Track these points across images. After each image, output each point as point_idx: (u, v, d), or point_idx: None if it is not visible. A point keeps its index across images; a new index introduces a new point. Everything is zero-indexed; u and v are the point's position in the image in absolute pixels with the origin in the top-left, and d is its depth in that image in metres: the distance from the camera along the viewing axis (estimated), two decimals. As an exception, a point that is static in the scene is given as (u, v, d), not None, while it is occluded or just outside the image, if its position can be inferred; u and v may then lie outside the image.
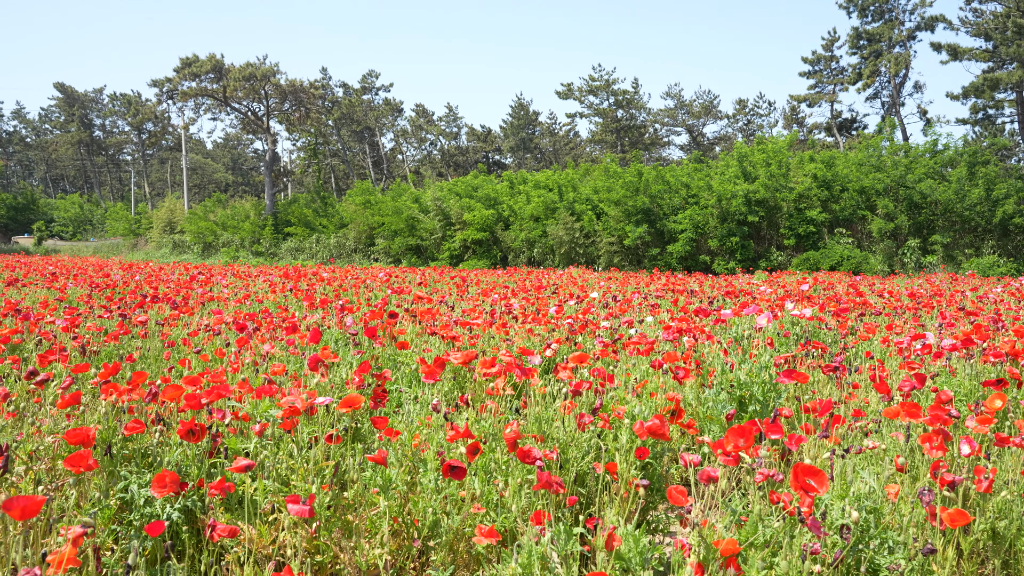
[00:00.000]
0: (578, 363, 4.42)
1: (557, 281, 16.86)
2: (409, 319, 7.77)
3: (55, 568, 2.09)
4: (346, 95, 66.93)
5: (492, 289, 13.11)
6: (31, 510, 2.08)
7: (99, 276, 16.77)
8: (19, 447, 3.68)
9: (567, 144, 71.34)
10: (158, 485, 2.83)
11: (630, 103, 64.27)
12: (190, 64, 47.05)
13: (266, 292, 12.63)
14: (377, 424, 3.54)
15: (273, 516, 3.34)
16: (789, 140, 31.32)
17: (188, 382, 3.89)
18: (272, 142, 51.26)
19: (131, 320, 7.78)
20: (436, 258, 34.80)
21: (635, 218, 29.43)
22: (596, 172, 35.42)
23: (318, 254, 38.72)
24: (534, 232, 31.97)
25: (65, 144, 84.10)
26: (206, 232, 45.05)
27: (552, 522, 3.00)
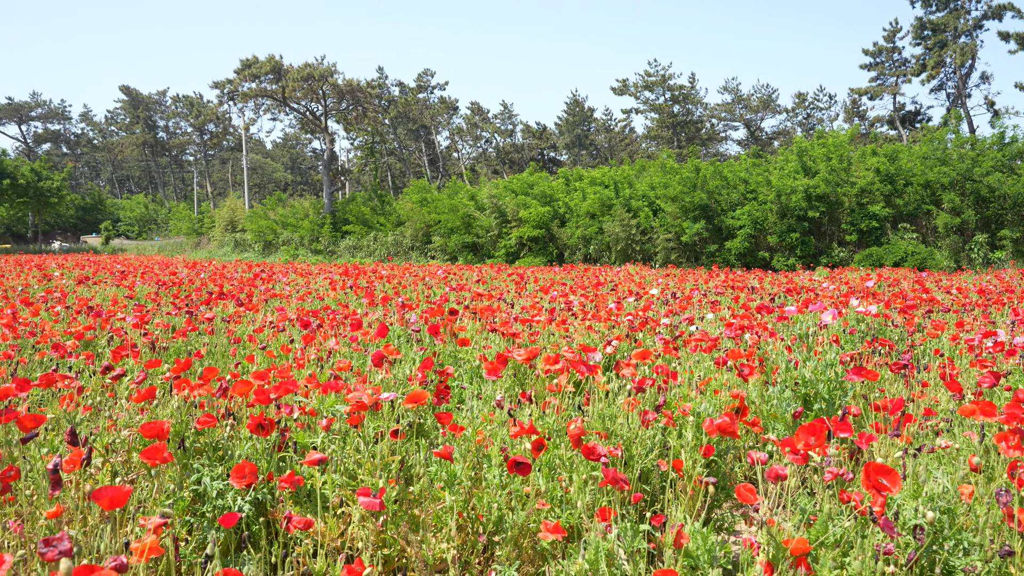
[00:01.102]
0: (641, 360, 4.40)
1: (614, 278, 16.79)
2: (469, 316, 7.81)
3: (138, 556, 2.15)
4: (402, 94, 67.50)
5: (550, 286, 13.10)
6: (119, 500, 2.15)
7: (165, 274, 17.17)
8: (96, 440, 3.79)
9: (622, 140, 70.96)
10: (237, 476, 2.90)
11: (686, 98, 63.69)
12: (250, 65, 47.87)
13: (327, 289, 12.81)
14: (442, 420, 3.57)
15: (341, 510, 3.39)
16: (850, 134, 30.68)
17: (256, 377, 3.97)
18: (330, 141, 51.89)
19: (198, 317, 7.96)
20: (492, 255, 34.89)
21: (692, 214, 29.15)
22: (652, 168, 35.17)
23: (376, 252, 39.11)
24: (590, 229, 31.86)
25: (130, 146, 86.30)
26: (266, 231, 45.81)
27: (617, 519, 3.00)
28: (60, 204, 59.39)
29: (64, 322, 8.13)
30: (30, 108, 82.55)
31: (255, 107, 52.19)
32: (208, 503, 3.34)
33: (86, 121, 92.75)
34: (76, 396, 4.20)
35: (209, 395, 4.05)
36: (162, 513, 2.43)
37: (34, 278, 16.29)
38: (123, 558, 1.86)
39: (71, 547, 1.73)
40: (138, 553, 2.18)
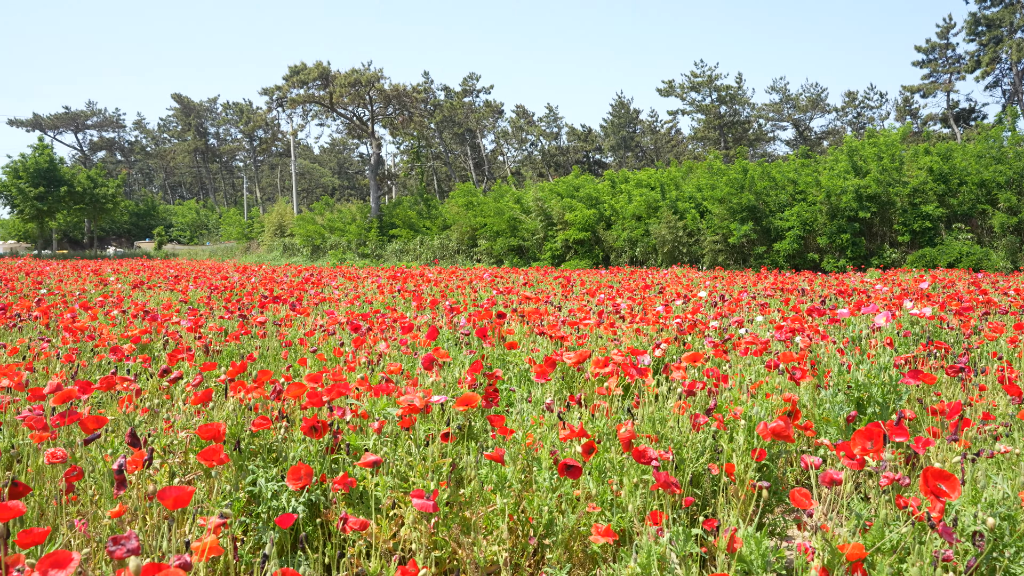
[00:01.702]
0: (691, 363, 4.38)
1: (661, 280, 16.70)
2: (517, 319, 7.83)
3: (199, 556, 2.20)
4: (448, 98, 67.88)
5: (597, 289, 13.08)
6: (182, 500, 2.20)
7: (217, 279, 17.47)
8: (155, 441, 3.88)
9: (668, 142, 70.54)
10: (293, 477, 2.95)
11: (733, 98, 63.12)
12: (298, 72, 48.50)
13: (375, 293, 12.93)
14: (493, 422, 3.59)
15: (393, 511, 3.42)
16: (902, 132, 30.13)
17: (310, 380, 4.02)
18: (377, 146, 52.36)
19: (250, 321, 8.09)
20: (538, 258, 34.91)
21: (740, 216, 28.87)
22: (699, 169, 34.90)
23: (422, 255, 39.37)
24: (636, 231, 31.72)
25: (182, 152, 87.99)
26: (314, 235, 46.37)
27: (669, 523, 2.99)
28: (115, 210, 60.74)
29: (121, 326, 8.32)
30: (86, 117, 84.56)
31: (303, 113, 52.88)
32: (263, 504, 3.40)
33: (140, 129, 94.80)
34: (135, 399, 4.30)
35: (263, 398, 4.12)
36: (221, 513, 2.48)
37: (91, 283, 16.68)
38: (187, 557, 1.91)
39: (138, 545, 1.77)
40: (199, 552, 2.22)
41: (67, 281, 17.33)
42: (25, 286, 15.46)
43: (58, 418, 3.55)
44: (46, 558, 1.88)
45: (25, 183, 53.48)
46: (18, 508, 2.21)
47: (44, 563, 1.87)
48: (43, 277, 18.36)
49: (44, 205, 54.23)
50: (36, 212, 54.91)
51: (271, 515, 3.38)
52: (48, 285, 15.52)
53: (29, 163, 54.17)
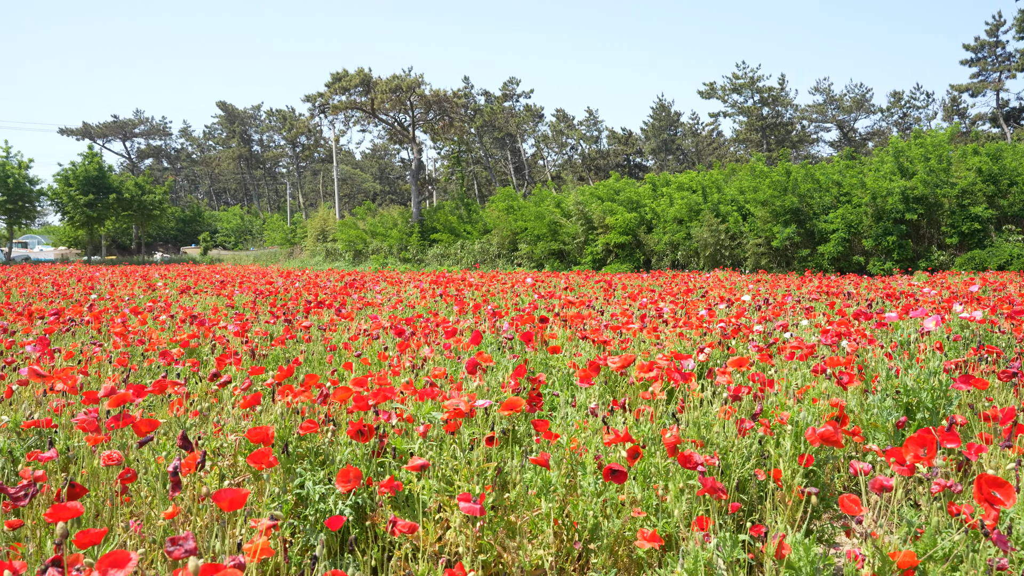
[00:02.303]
0: (737, 367, 4.35)
1: (704, 284, 16.58)
2: (559, 323, 7.84)
3: (251, 556, 2.24)
4: (488, 103, 68.05)
5: (639, 292, 13.03)
6: (237, 502, 2.24)
7: (262, 284, 17.70)
8: (204, 444, 3.95)
9: (710, 144, 70.02)
10: (342, 480, 2.98)
11: (776, 100, 62.47)
12: (340, 79, 48.96)
13: (417, 298, 13.01)
14: (538, 427, 3.60)
15: (439, 515, 3.44)
16: (950, 133, 29.56)
17: (355, 384, 4.07)
18: (417, 151, 52.67)
19: (295, 325, 8.19)
20: (578, 262, 34.84)
21: (783, 218, 28.54)
22: (741, 172, 34.58)
23: (463, 260, 39.50)
24: (677, 235, 31.52)
25: (227, 159, 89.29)
26: (356, 240, 46.76)
27: (715, 528, 2.97)
28: (161, 217, 61.75)
29: (170, 330, 8.47)
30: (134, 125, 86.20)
31: (345, 119, 53.34)
32: (311, 506, 3.44)
33: (186, 136, 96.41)
34: (185, 402, 4.37)
35: (310, 401, 4.17)
36: (272, 515, 2.53)
37: (139, 288, 17.00)
38: (241, 557, 1.94)
39: (195, 546, 1.81)
40: (251, 553, 2.26)
41: (117, 286, 17.68)
42: (77, 291, 15.80)
43: (112, 421, 3.63)
44: (105, 558, 1.92)
45: (75, 190, 54.61)
46: (76, 509, 2.27)
47: (103, 563, 1.91)
48: (94, 282, 18.75)
49: (94, 212, 55.31)
50: (86, 219, 56.03)
51: (318, 517, 3.43)
52: (99, 290, 15.85)
53: (79, 171, 55.31)
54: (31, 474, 2.93)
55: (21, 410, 4.46)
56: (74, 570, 2.20)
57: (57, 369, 4.98)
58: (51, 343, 6.74)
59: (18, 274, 24.43)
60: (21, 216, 54.44)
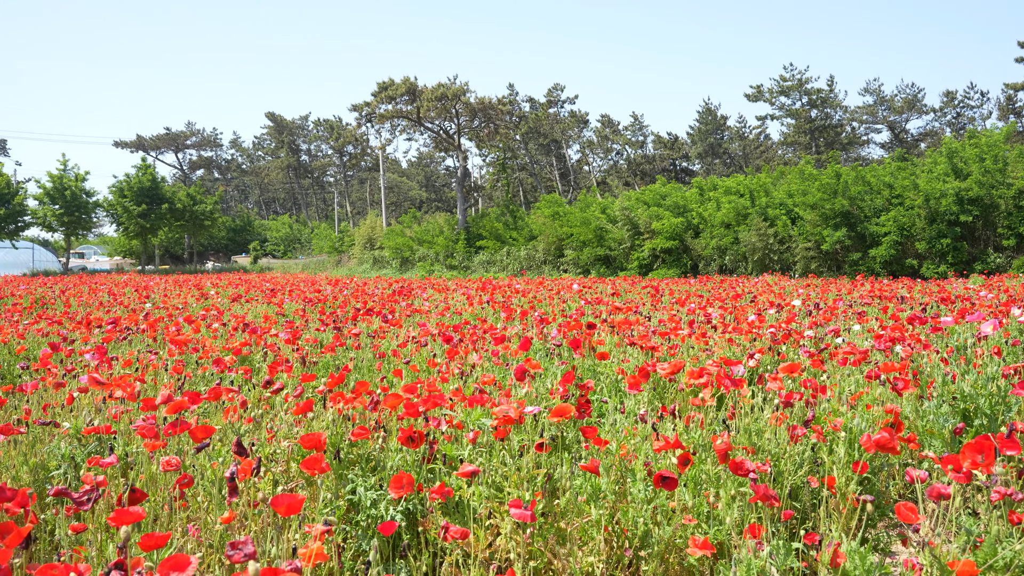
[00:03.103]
0: (788, 373, 4.31)
1: (753, 289, 16.41)
2: (607, 329, 7.82)
3: (306, 561, 2.28)
4: (532, 109, 68.13)
5: (686, 298, 12.94)
6: (294, 507, 2.28)
7: (311, 291, 17.92)
8: (258, 450, 4.01)
9: (757, 148, 69.26)
10: (395, 486, 3.01)
11: (824, 102, 61.60)
12: (386, 88, 49.41)
13: (464, 304, 13.07)
14: (587, 433, 3.60)
15: (489, 521, 3.46)
16: (1006, 132, 28.87)
17: (406, 391, 4.10)
18: (463, 159, 52.92)
19: (345, 333, 8.28)
20: (625, 268, 34.69)
21: (833, 221, 28.13)
22: (790, 175, 34.16)
23: (509, 266, 39.56)
24: (725, 239, 31.23)
25: (276, 169, 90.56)
26: (403, 248, 47.10)
27: (768, 536, 2.95)
28: (213, 226, 62.80)
29: (222, 338, 8.62)
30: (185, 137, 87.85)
31: (391, 128, 53.78)
32: (362, 512, 3.48)
33: (235, 147, 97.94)
34: (240, 409, 4.45)
35: (361, 408, 4.22)
36: (326, 520, 2.56)
37: (192, 297, 17.31)
38: (297, 562, 1.98)
39: (255, 551, 1.85)
40: (305, 558, 2.30)
41: (171, 295, 18.03)
42: (132, 300, 16.15)
43: (170, 427, 3.71)
44: (166, 562, 1.97)
45: (129, 201, 55.79)
46: (139, 513, 2.33)
47: (164, 566, 1.96)
48: (148, 292, 19.15)
49: (147, 222, 56.45)
50: (140, 229, 57.19)
51: (370, 523, 3.46)
52: (153, 299, 16.18)
53: (133, 182, 56.51)
54: (93, 479, 3.01)
55: (81, 417, 4.57)
56: (136, 573, 2.25)
57: (115, 377, 5.10)
58: (109, 351, 6.90)
59: (76, 284, 25.04)
60: (78, 227, 55.77)
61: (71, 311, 13.82)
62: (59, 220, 53.85)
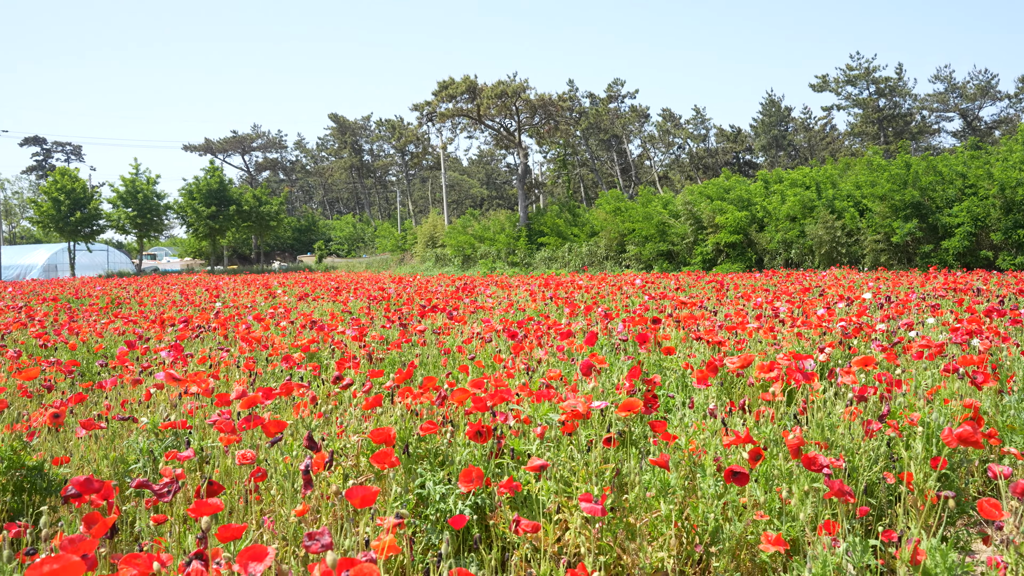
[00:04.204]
0: (862, 367, 4.21)
1: (821, 283, 16.10)
2: (672, 324, 7.75)
3: (378, 553, 2.30)
4: (592, 105, 67.80)
5: (752, 292, 12.75)
6: (368, 499, 2.31)
7: (375, 289, 18.13)
8: (328, 445, 4.07)
9: (823, 139, 67.88)
10: (465, 480, 3.03)
11: (893, 91, 60.06)
12: (447, 87, 49.67)
13: (527, 300, 13.08)
14: (655, 428, 3.57)
15: (558, 516, 3.46)
16: (1086, 118, 27.80)
17: (473, 386, 4.12)
18: (523, 156, 52.94)
19: (410, 329, 8.35)
20: (688, 263, 34.33)
21: (903, 213, 27.41)
22: (857, 166, 33.40)
23: (570, 262, 39.47)
24: (791, 232, 30.67)
25: (339, 169, 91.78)
26: (465, 245, 47.32)
27: (844, 533, 2.88)
28: (279, 227, 63.93)
29: (291, 336, 8.78)
30: (251, 140, 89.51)
31: (452, 126, 54.06)
32: (431, 506, 3.51)
33: (300, 148, 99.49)
34: (310, 404, 4.52)
35: (428, 403, 4.25)
36: (397, 513, 2.59)
37: (260, 296, 17.65)
38: (372, 553, 2.00)
39: (331, 542, 1.88)
40: (378, 550, 2.33)
41: (240, 294, 18.41)
42: (203, 300, 16.54)
43: (244, 422, 3.78)
44: (244, 552, 2.01)
45: (199, 203, 57.18)
46: (217, 505, 2.38)
47: (243, 556, 2.00)
48: (218, 291, 19.58)
49: (215, 224, 57.79)
50: (209, 230, 58.59)
51: (439, 516, 3.49)
52: (223, 298, 16.54)
53: (202, 185, 57.91)
54: (172, 472, 3.09)
55: (158, 412, 4.70)
56: (215, 563, 2.30)
57: (190, 373, 5.23)
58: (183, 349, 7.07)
59: (149, 284, 25.74)
60: (150, 229, 57.38)
61: (145, 310, 14.22)
62: (132, 222, 55.48)
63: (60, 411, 4.32)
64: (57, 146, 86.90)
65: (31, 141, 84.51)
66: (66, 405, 4.58)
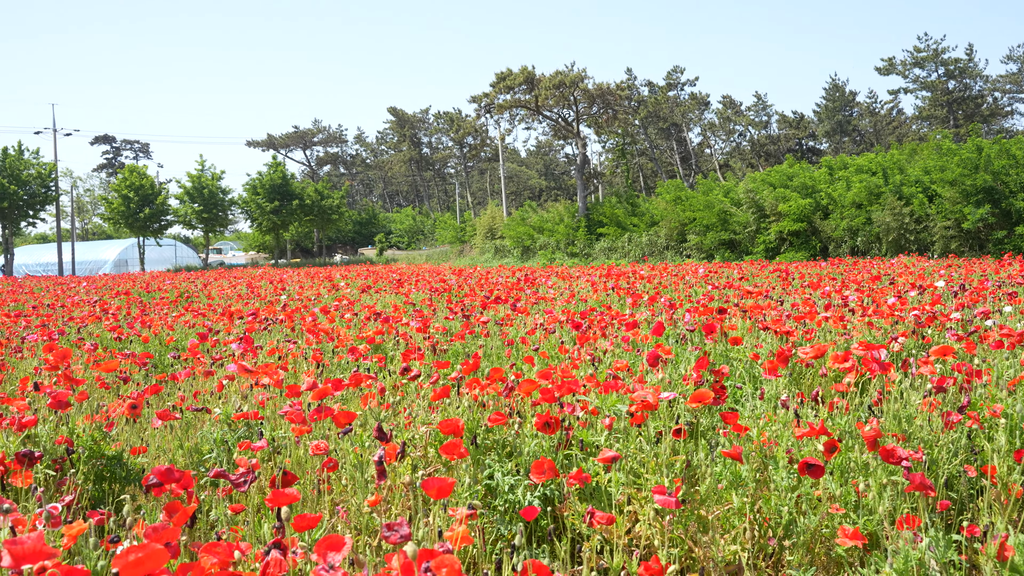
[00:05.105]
0: (940, 356, 4.10)
1: (889, 271, 15.73)
2: (738, 314, 7.64)
3: (452, 543, 2.31)
4: (651, 93, 67.17)
5: (819, 281, 12.51)
6: (444, 490, 2.32)
7: (436, 281, 18.25)
8: (396, 436, 4.11)
9: (889, 123, 66.26)
10: (537, 471, 3.03)
11: (963, 72, 58.33)
12: (504, 78, 49.65)
13: (588, 291, 13.03)
14: (726, 419, 3.52)
15: (629, 508, 3.43)
16: None
17: (540, 377, 4.11)
18: (582, 146, 52.69)
19: (473, 320, 8.38)
20: (750, 252, 33.82)
21: (975, 198, 26.60)
22: (925, 151, 32.49)
23: (630, 252, 39.19)
24: (856, 220, 30.00)
25: (398, 162, 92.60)
26: (524, 236, 47.32)
27: (925, 527, 2.81)
28: (340, 220, 64.74)
29: (355, 327, 8.88)
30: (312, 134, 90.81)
31: (510, 118, 54.08)
32: (499, 497, 3.51)
33: (360, 142, 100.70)
34: (379, 395, 4.57)
35: (495, 394, 4.26)
36: (470, 504, 2.59)
37: (324, 288, 17.92)
38: (448, 544, 2.01)
39: (410, 532, 1.89)
40: (452, 541, 2.34)
41: (304, 287, 18.71)
42: (268, 292, 16.85)
43: (315, 413, 3.84)
44: (322, 541, 2.03)
45: (262, 198, 58.23)
46: (294, 495, 2.42)
47: (322, 546, 2.03)
48: (283, 284, 19.93)
49: (279, 218, 58.77)
50: (272, 224, 59.62)
51: (508, 508, 3.49)
52: (288, 291, 16.83)
53: (265, 180, 58.96)
54: (247, 462, 3.14)
55: (231, 403, 4.79)
56: (291, 552, 2.33)
57: (260, 365, 5.32)
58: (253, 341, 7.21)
59: (216, 278, 26.31)
60: (216, 224, 58.69)
61: (213, 303, 14.53)
62: (198, 217, 56.81)
63: (137, 402, 4.43)
64: (126, 144, 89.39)
65: (101, 140, 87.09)
66: (142, 396, 4.69)
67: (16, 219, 52.32)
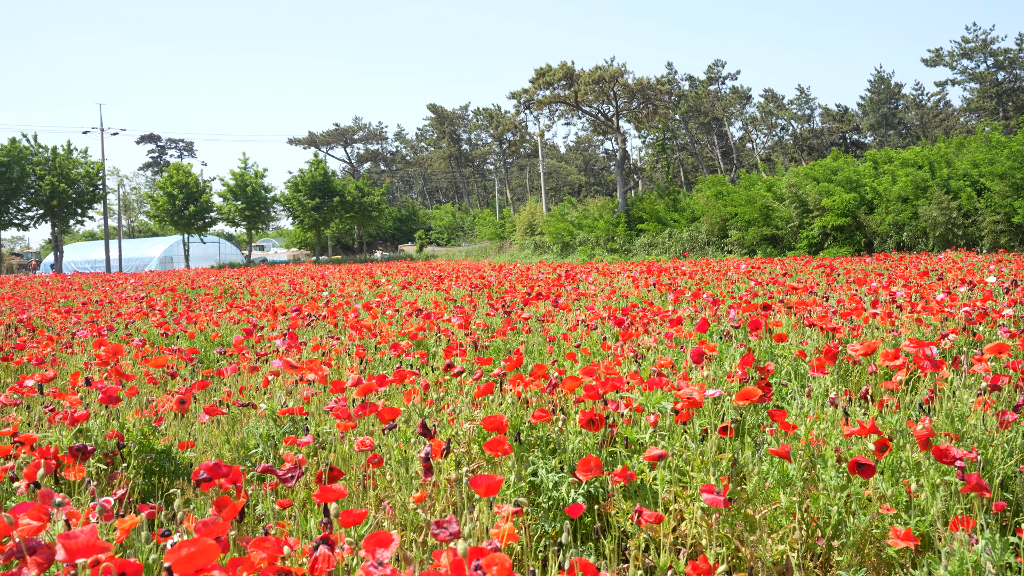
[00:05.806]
0: (995, 354, 4.01)
1: (937, 266, 15.44)
2: (783, 311, 7.55)
3: (498, 540, 2.31)
4: (692, 88, 66.58)
5: (864, 277, 12.32)
6: (493, 488, 2.32)
7: (476, 277, 18.28)
8: (440, 432, 4.11)
9: (936, 116, 65.03)
10: (583, 468, 3.01)
11: (1013, 63, 57.03)
12: (543, 74, 49.54)
13: (630, 287, 12.97)
14: (774, 417, 3.48)
15: (675, 506, 3.40)
16: None
17: (584, 374, 4.09)
18: (622, 141, 52.44)
19: (514, 317, 8.38)
20: (793, 247, 33.40)
21: (1026, 192, 26.03)
22: (973, 144, 31.82)
23: (671, 248, 38.93)
24: (903, 214, 29.49)
25: (438, 159, 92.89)
26: (563, 232, 47.20)
27: (980, 529, 2.75)
28: (380, 217, 65.10)
29: (397, 323, 8.92)
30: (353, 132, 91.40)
31: (549, 113, 53.93)
32: (543, 494, 3.50)
33: (400, 139, 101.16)
34: (421, 391, 4.58)
35: (537, 391, 4.24)
36: (516, 501, 2.59)
37: (365, 284, 18.03)
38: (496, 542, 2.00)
39: (459, 530, 1.88)
40: (498, 538, 2.33)
41: (346, 284, 18.85)
42: (311, 289, 17.00)
43: (360, 409, 3.86)
44: (371, 538, 2.04)
45: (304, 196, 58.79)
46: (341, 491, 2.43)
47: (370, 542, 2.03)
48: (325, 280, 20.10)
49: (320, 215, 59.29)
50: (313, 222, 60.17)
51: (552, 505, 3.48)
52: (331, 288, 16.97)
53: (307, 177, 59.51)
54: (294, 458, 3.17)
55: (276, 398, 4.84)
56: (338, 548, 2.34)
57: (305, 361, 5.36)
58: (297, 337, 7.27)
59: (258, 274, 26.62)
60: (258, 221, 59.40)
61: (257, 300, 14.70)
62: (241, 215, 57.55)
63: (185, 397, 4.49)
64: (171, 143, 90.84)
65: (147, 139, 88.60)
66: (190, 392, 4.76)
67: (65, 217, 53.53)
